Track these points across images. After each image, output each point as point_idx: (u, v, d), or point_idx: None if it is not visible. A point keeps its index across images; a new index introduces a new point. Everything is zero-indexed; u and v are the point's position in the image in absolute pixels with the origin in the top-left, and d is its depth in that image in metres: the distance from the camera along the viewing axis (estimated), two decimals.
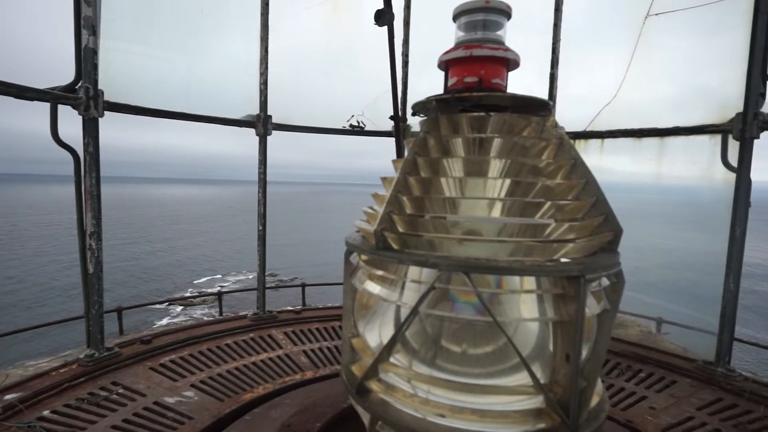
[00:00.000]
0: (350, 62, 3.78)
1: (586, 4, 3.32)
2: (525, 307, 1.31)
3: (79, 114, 2.57)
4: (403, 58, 3.42)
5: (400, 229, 1.32)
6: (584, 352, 1.28)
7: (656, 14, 2.54)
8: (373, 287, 1.47)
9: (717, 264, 2.50)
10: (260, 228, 3.52)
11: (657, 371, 2.53)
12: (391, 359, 1.40)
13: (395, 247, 1.30)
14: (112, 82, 2.72)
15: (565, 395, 1.19)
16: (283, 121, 3.52)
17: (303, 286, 4.36)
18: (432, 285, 1.22)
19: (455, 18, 1.49)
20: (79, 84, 2.55)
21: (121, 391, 2.33)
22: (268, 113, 3.43)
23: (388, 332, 1.40)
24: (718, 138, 2.44)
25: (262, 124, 3.39)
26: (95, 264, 2.65)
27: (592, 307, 1.28)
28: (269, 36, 3.43)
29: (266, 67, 3.38)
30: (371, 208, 1.56)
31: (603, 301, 1.31)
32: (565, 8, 3.12)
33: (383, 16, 2.12)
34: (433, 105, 1.45)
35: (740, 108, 2.36)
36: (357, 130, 3.49)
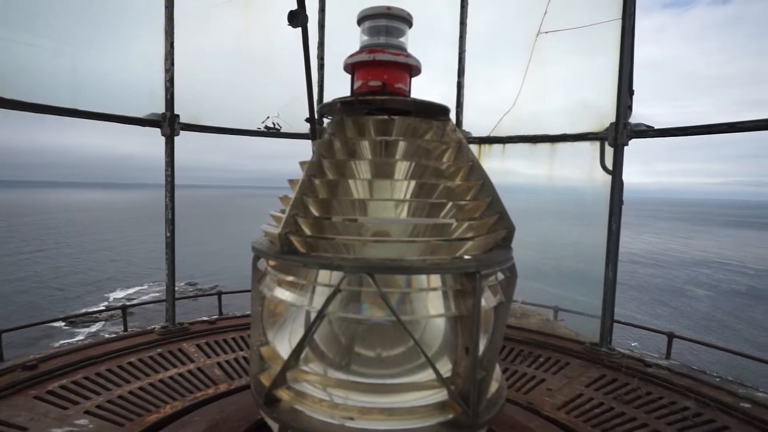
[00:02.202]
0: (265, 62, 3.67)
1: (489, 21, 3.58)
2: (428, 305, 1.37)
3: None
4: (318, 61, 3.40)
5: (307, 232, 1.31)
6: (482, 344, 1.37)
7: (546, 32, 2.83)
8: (282, 293, 1.44)
9: (602, 255, 2.84)
10: (168, 235, 3.27)
11: (553, 355, 2.79)
12: (301, 365, 1.38)
13: (301, 250, 1.28)
14: None
15: (465, 386, 1.26)
16: (193, 121, 3.31)
17: (219, 294, 4.10)
18: (336, 287, 1.22)
19: (359, 22, 1.52)
20: None
21: None
22: (176, 112, 3.20)
23: (298, 339, 1.38)
24: (597, 144, 2.78)
25: (168, 123, 3.16)
26: None
27: (490, 300, 1.38)
28: (175, 30, 3.21)
29: (172, 63, 3.15)
30: (282, 211, 1.53)
31: (499, 294, 1.41)
32: (472, 24, 3.35)
33: (297, 18, 2.09)
34: (338, 107, 1.45)
35: (613, 118, 2.72)
36: (272, 132, 3.39)
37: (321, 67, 3.45)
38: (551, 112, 3.15)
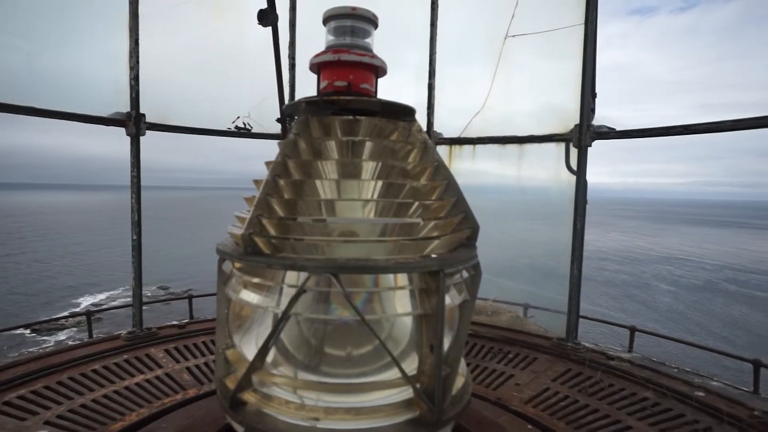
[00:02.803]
0: (236, 61, 3.62)
1: (462, 24, 3.63)
2: (394, 304, 1.38)
3: None
4: (289, 61, 3.38)
5: (271, 233, 1.30)
6: (447, 341, 1.39)
7: (513, 36, 2.90)
8: (249, 295, 1.42)
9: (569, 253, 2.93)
10: (134, 238, 3.17)
11: (522, 351, 2.86)
12: (266, 367, 1.37)
13: (266, 251, 1.27)
14: None
15: (431, 384, 1.28)
16: (160, 121, 3.23)
17: (190, 297, 4.01)
18: (300, 288, 1.22)
19: (325, 22, 1.52)
20: None
21: None
22: (141, 111, 3.11)
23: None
24: (562, 145, 2.87)
25: (133, 123, 3.07)
26: None
27: (455, 298, 1.40)
28: (143, 28, 3.13)
29: (137, 61, 3.06)
30: (247, 212, 1.51)
31: (464, 292, 1.43)
32: (446, 27, 3.39)
33: (267, 17, 2.08)
34: (302, 107, 1.45)
35: (578, 120, 2.81)
36: (243, 132, 3.34)
37: (292, 66, 3.43)
38: (520, 114, 3.24)
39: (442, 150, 3.19)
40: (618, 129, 2.67)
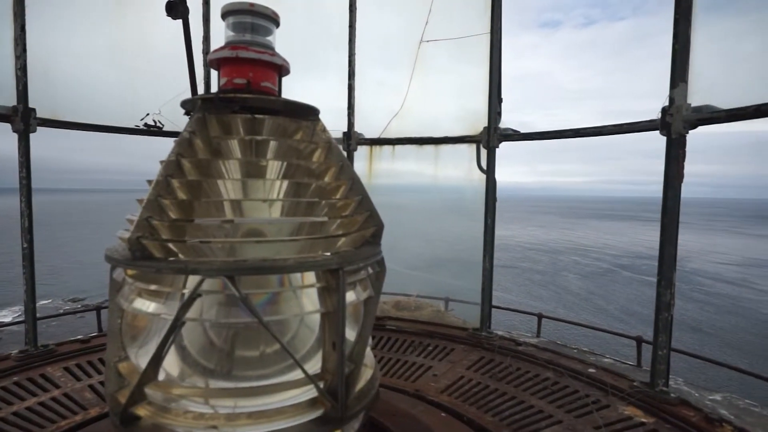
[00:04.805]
0: (146, 56, 3.38)
1: (386, 26, 3.69)
2: (297, 303, 1.38)
3: None
4: (203, 56, 3.22)
5: (163, 236, 1.23)
6: (352, 338, 1.42)
7: (427, 41, 3.02)
8: (144, 304, 1.34)
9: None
10: (25, 246, 2.84)
11: (441, 343, 2.98)
12: (163, 376, 1.30)
13: (157, 255, 1.21)
14: None
15: (334, 381, 1.29)
16: (54, 116, 2.92)
17: (98, 309, 3.67)
18: (193, 292, 1.17)
19: (223, 17, 1.48)
20: None
21: None
22: (30, 106, 2.80)
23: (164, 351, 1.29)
24: (474, 146, 3.03)
25: (20, 118, 2.75)
26: None
27: (359, 295, 1.43)
28: (27, 12, 2.81)
29: (23, 50, 2.74)
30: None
31: (369, 288, 1.46)
32: (374, 29, 3.42)
33: (175, 9, 1.96)
34: (198, 105, 1.39)
35: (486, 123, 2.99)
36: (154, 130, 3.13)
37: (207, 62, 3.27)
38: (437, 117, 3.37)
39: (363, 150, 3.24)
40: (522, 132, 2.89)
